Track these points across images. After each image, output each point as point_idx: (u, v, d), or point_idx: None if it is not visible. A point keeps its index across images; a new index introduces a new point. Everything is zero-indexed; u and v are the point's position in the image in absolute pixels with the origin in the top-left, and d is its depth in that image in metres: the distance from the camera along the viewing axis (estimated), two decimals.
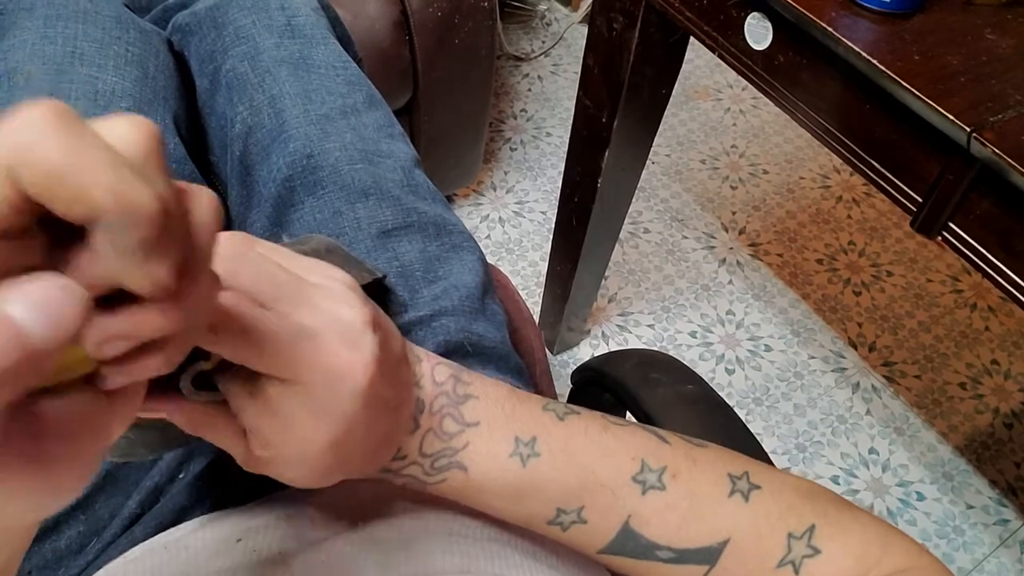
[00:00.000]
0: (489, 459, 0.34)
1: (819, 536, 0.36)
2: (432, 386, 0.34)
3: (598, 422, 0.37)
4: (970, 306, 1.44)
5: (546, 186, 1.57)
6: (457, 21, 1.09)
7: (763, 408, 1.29)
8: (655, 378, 0.61)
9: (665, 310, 1.41)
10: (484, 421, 0.35)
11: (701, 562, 0.36)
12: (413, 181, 0.58)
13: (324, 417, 0.27)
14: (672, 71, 0.83)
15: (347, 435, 0.28)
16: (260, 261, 0.27)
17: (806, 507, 0.37)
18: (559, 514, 0.35)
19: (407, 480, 0.35)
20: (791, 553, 0.36)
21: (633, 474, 0.36)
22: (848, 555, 0.36)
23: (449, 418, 0.34)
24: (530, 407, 0.36)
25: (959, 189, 0.50)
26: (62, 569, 0.44)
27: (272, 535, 0.39)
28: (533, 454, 0.35)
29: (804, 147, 1.70)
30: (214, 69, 0.60)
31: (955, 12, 0.54)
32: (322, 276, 0.30)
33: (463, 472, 0.34)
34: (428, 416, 0.34)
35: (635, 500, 0.35)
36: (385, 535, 0.38)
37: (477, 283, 0.56)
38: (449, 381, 0.35)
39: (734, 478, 0.37)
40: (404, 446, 0.33)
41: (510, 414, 0.35)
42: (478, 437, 0.34)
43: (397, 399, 0.31)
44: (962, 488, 1.22)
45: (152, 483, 0.47)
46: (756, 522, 0.36)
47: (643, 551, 0.36)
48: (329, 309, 0.28)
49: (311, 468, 0.29)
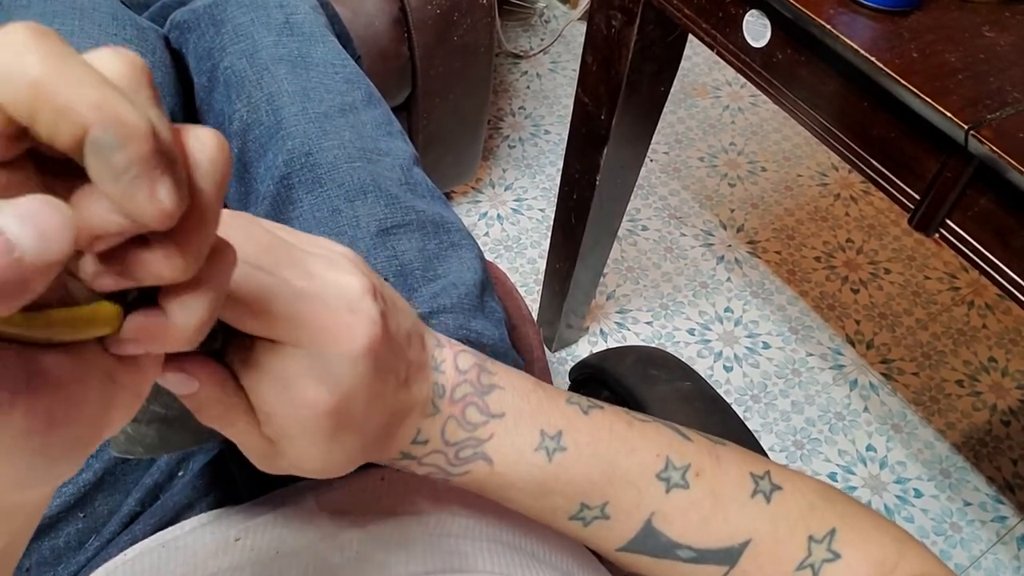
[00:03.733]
0: (515, 452, 0.34)
1: (839, 540, 0.36)
2: (454, 373, 0.33)
3: (622, 417, 0.37)
4: (967, 303, 1.44)
5: (545, 183, 1.57)
6: (456, 18, 1.09)
7: (761, 405, 1.29)
8: (654, 375, 0.61)
9: (663, 307, 1.41)
10: (510, 413, 0.34)
11: (721, 563, 0.36)
12: (412, 179, 0.58)
13: (323, 380, 0.26)
14: (671, 68, 0.83)
15: (347, 401, 0.27)
16: (257, 229, 0.27)
17: (827, 510, 0.37)
18: (582, 509, 0.35)
19: (430, 470, 0.34)
20: (811, 556, 0.36)
21: (658, 471, 0.35)
22: (867, 560, 0.36)
23: (473, 407, 0.33)
24: (555, 400, 0.36)
25: (957, 186, 0.51)
26: (61, 566, 0.44)
27: (271, 534, 0.40)
28: (559, 448, 0.34)
29: (802, 144, 1.70)
30: (212, 66, 0.60)
31: (953, 10, 0.54)
32: (323, 247, 0.29)
33: (488, 465, 0.34)
34: (449, 403, 0.33)
35: (659, 498, 0.35)
36: (385, 535, 0.38)
37: (476, 281, 0.56)
38: (473, 370, 0.34)
39: (756, 478, 0.37)
40: (424, 430, 0.32)
41: (536, 407, 0.35)
42: (503, 429, 0.34)
43: (405, 374, 0.31)
44: (959, 485, 1.22)
45: (151, 481, 0.47)
46: (777, 524, 0.36)
47: (663, 550, 0.36)
48: (329, 276, 0.28)
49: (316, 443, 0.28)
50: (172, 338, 0.20)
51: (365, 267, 0.30)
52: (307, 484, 0.45)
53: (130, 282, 0.19)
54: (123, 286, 0.19)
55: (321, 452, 0.28)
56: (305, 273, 0.27)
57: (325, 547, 0.38)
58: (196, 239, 0.19)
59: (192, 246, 0.19)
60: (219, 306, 0.21)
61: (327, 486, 0.43)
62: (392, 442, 0.32)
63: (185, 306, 0.20)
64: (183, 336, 0.20)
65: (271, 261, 0.26)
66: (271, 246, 0.27)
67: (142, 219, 0.17)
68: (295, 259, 0.27)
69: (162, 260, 0.18)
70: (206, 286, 0.20)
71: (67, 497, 0.44)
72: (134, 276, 0.19)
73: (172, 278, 0.19)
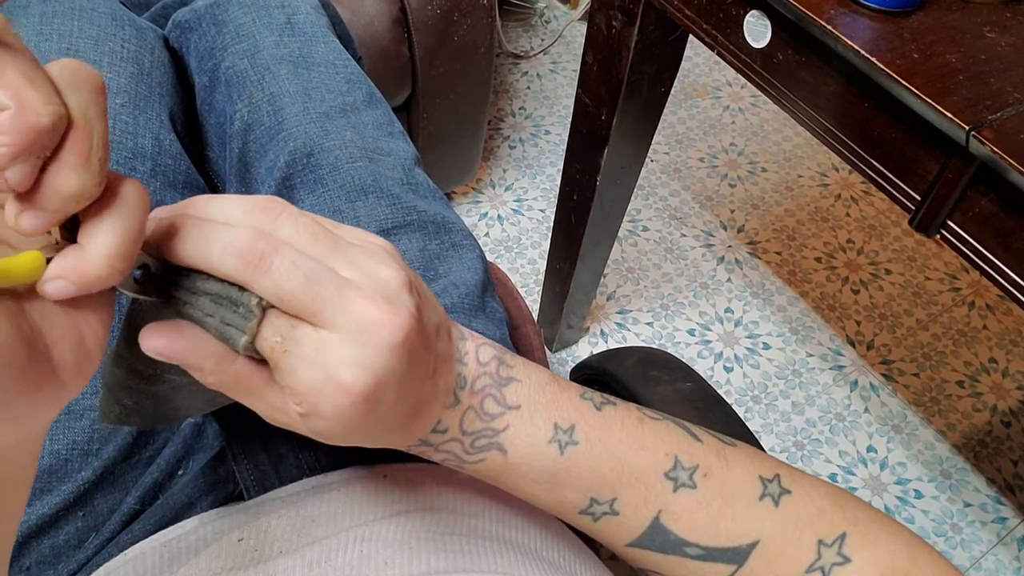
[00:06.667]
0: (528, 443, 0.34)
1: (850, 545, 0.36)
2: (476, 365, 0.34)
3: (634, 414, 0.37)
4: (968, 304, 1.44)
5: (545, 184, 1.57)
6: (456, 18, 1.09)
7: (761, 406, 1.29)
8: (655, 376, 0.61)
9: (664, 308, 1.41)
10: (525, 405, 0.35)
11: (729, 562, 0.36)
12: (413, 179, 0.58)
13: (359, 367, 0.27)
14: (671, 69, 0.83)
15: (381, 388, 0.28)
16: (306, 219, 0.28)
17: (837, 514, 0.37)
18: (592, 504, 0.36)
19: (446, 457, 0.35)
20: (821, 559, 0.36)
21: (666, 470, 0.36)
22: (877, 565, 0.36)
23: (491, 399, 0.34)
24: (570, 395, 0.36)
25: (957, 187, 0.51)
26: (61, 564, 0.44)
27: (273, 534, 0.40)
28: (571, 442, 0.35)
29: (803, 145, 1.70)
30: (213, 66, 0.60)
31: (954, 10, 0.54)
32: (362, 239, 0.30)
33: (502, 454, 0.34)
34: (469, 394, 0.34)
35: (666, 496, 0.36)
36: (387, 535, 0.38)
37: (477, 281, 0.56)
38: (493, 362, 0.35)
39: (765, 481, 0.37)
40: (444, 419, 0.33)
41: (550, 400, 0.35)
42: (519, 420, 0.34)
43: (433, 366, 0.31)
44: (960, 486, 1.22)
45: (151, 480, 0.47)
46: (785, 527, 0.36)
47: (672, 547, 0.36)
48: (370, 267, 0.28)
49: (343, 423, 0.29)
50: (90, 267, 0.22)
51: (401, 260, 0.30)
52: (308, 484, 0.45)
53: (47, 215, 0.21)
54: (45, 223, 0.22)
55: (345, 431, 0.29)
56: (350, 263, 0.28)
57: (328, 547, 0.37)
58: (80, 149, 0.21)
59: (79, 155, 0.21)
60: (135, 237, 0.23)
61: (328, 486, 0.43)
62: (413, 431, 0.33)
63: (96, 233, 0.22)
64: (99, 264, 0.22)
65: (320, 250, 0.28)
66: (318, 235, 0.28)
67: None
68: (340, 249, 0.28)
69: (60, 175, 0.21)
70: (113, 213, 0.23)
71: (66, 495, 0.44)
72: (44, 203, 0.21)
73: (73, 192, 0.21)
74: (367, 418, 0.29)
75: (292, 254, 0.26)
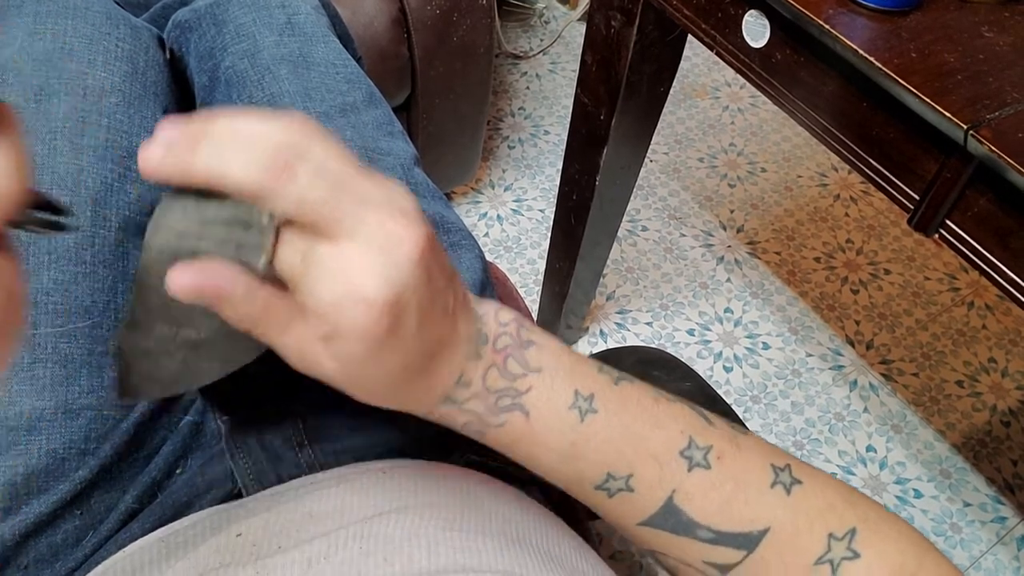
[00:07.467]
0: (550, 407, 0.34)
1: (859, 541, 0.36)
2: (496, 324, 0.34)
3: (649, 393, 0.37)
4: (967, 304, 1.45)
5: (544, 184, 1.57)
6: (455, 19, 1.09)
7: (761, 406, 1.29)
8: (654, 375, 0.61)
9: (663, 308, 1.41)
10: (547, 369, 0.35)
11: (739, 547, 0.36)
12: (412, 179, 0.59)
13: (380, 278, 0.27)
14: (670, 69, 0.83)
15: (402, 302, 0.28)
16: (334, 140, 0.28)
17: (848, 510, 0.37)
18: (608, 479, 0.36)
19: (468, 420, 0.34)
20: (830, 552, 0.36)
21: (681, 448, 0.36)
22: (886, 563, 0.36)
23: (512, 359, 0.34)
24: (588, 366, 0.36)
25: (956, 187, 0.51)
26: (59, 563, 0.44)
27: (271, 530, 0.40)
28: (591, 410, 0.35)
29: (802, 145, 1.70)
30: (213, 66, 0.60)
31: (952, 10, 0.55)
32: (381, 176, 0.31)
33: (524, 417, 0.34)
34: (492, 351, 0.34)
35: (681, 475, 0.36)
36: (388, 531, 0.38)
37: (476, 281, 0.57)
38: (513, 324, 0.35)
39: (777, 469, 0.37)
40: (467, 372, 0.33)
41: (570, 368, 0.35)
42: (541, 383, 0.34)
43: (452, 303, 0.31)
44: (959, 485, 1.22)
45: (149, 479, 0.47)
46: (796, 516, 0.36)
47: (683, 528, 0.36)
48: (388, 191, 0.29)
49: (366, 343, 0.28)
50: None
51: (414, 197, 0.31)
52: (307, 481, 0.45)
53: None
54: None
55: (370, 357, 0.29)
56: (373, 185, 0.28)
57: (327, 543, 0.37)
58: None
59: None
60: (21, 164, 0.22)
61: (327, 482, 0.43)
62: (437, 378, 0.32)
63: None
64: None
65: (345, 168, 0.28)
66: (344, 155, 0.28)
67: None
68: (363, 173, 0.29)
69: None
70: None
71: (63, 494, 0.44)
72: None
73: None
74: (389, 342, 0.28)
75: (317, 165, 0.27)
